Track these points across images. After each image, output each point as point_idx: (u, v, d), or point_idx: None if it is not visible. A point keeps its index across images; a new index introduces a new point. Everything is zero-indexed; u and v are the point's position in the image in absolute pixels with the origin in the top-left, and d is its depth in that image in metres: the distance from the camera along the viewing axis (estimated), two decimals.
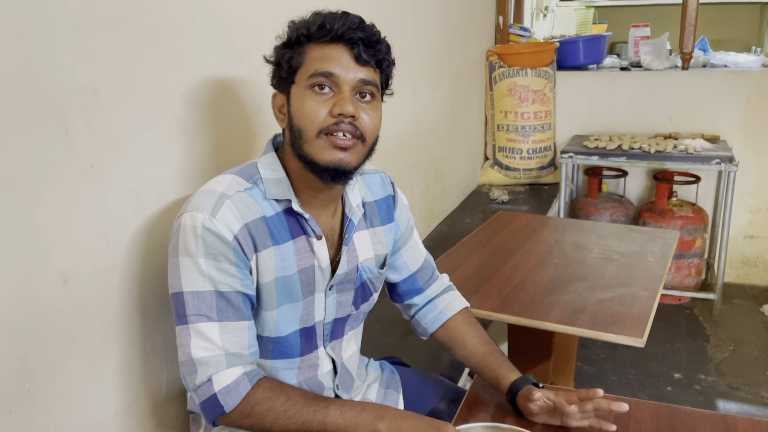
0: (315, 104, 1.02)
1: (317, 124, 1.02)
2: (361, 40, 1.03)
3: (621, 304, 1.57)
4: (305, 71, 1.03)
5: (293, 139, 1.06)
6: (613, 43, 5.11)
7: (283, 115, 1.09)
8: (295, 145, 1.05)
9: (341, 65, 1.02)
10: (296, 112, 1.04)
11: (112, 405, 1.16)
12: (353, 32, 1.02)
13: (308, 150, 1.03)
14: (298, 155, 1.05)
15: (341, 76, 1.02)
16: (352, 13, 1.05)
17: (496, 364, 1.21)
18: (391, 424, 0.97)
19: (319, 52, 1.03)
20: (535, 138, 3.52)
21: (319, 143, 1.02)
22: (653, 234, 2.12)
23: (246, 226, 1.03)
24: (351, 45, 1.03)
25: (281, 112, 1.09)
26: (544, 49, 3.53)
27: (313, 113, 1.02)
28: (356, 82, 1.03)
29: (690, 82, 3.50)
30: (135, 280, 1.18)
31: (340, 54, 1.03)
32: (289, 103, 1.06)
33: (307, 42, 1.04)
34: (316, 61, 1.03)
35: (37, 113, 0.95)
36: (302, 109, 1.03)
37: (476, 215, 3.09)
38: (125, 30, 1.10)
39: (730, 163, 3.01)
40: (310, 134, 1.02)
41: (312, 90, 1.03)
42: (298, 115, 1.03)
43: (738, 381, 2.71)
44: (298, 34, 1.04)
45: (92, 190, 1.06)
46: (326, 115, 1.02)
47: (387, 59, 1.08)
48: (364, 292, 1.23)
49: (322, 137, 1.02)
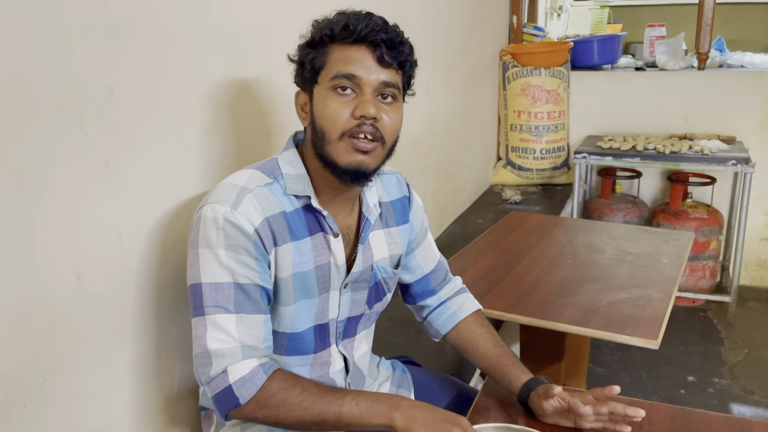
0: (337, 106, 1.02)
1: (339, 126, 1.02)
2: (384, 41, 1.02)
3: (635, 305, 1.56)
4: (328, 72, 1.03)
5: (315, 139, 1.06)
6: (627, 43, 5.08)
7: (305, 113, 1.09)
8: (317, 144, 1.06)
9: (363, 67, 1.02)
10: (319, 113, 1.04)
11: (125, 401, 1.16)
12: (376, 34, 1.02)
13: (330, 151, 1.04)
14: (319, 155, 1.06)
15: (363, 78, 1.02)
16: (375, 15, 1.04)
17: (508, 366, 1.20)
18: (406, 414, 0.97)
19: (342, 53, 1.03)
20: (549, 138, 3.51)
21: (341, 145, 1.03)
22: (667, 235, 2.10)
23: (266, 220, 1.03)
24: (374, 46, 1.03)
25: (304, 110, 1.10)
26: (558, 49, 3.51)
27: (335, 115, 1.02)
28: (378, 84, 1.03)
29: (706, 83, 3.46)
30: (148, 277, 1.18)
31: (363, 55, 1.03)
32: (312, 103, 1.06)
33: (331, 42, 1.04)
34: (338, 63, 1.03)
35: (53, 110, 0.96)
36: (325, 111, 1.03)
37: (488, 215, 3.08)
38: (140, 29, 1.10)
39: (746, 164, 2.98)
40: (333, 136, 1.03)
41: (334, 91, 1.03)
42: (321, 116, 1.04)
43: (752, 385, 2.68)
44: (322, 35, 1.04)
45: (106, 188, 1.07)
46: (348, 117, 1.02)
47: (409, 61, 1.08)
48: (378, 292, 1.23)
49: (344, 140, 1.03)
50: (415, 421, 0.96)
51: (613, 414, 1.09)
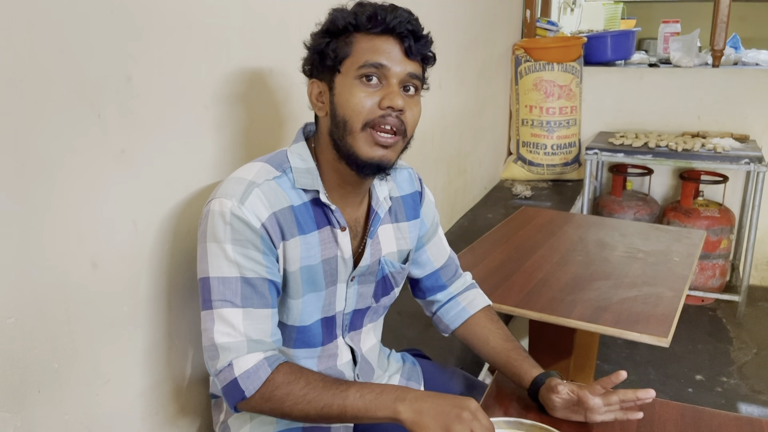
0: (363, 95, 1.01)
1: (364, 116, 1.01)
2: (411, 33, 1.02)
3: (645, 303, 1.56)
4: (354, 62, 1.02)
5: (334, 130, 1.05)
6: (641, 39, 5.04)
7: (321, 104, 1.08)
8: (336, 135, 1.05)
9: (391, 58, 1.02)
10: (342, 102, 1.03)
11: (137, 388, 1.17)
12: (404, 25, 1.02)
13: (351, 142, 1.03)
14: (337, 146, 1.05)
15: (391, 69, 1.02)
16: (400, 6, 1.04)
17: (518, 360, 1.20)
18: (412, 406, 0.96)
19: (368, 43, 1.02)
20: (560, 134, 3.49)
21: (363, 136, 1.02)
22: (679, 233, 2.10)
23: (274, 214, 1.03)
24: (401, 38, 1.02)
25: (319, 100, 1.08)
26: (571, 44, 3.49)
27: (360, 104, 1.01)
28: (404, 76, 1.03)
29: (720, 80, 3.44)
30: (162, 265, 1.19)
31: (391, 47, 1.02)
32: (332, 93, 1.05)
33: (354, 32, 1.03)
34: (366, 52, 1.02)
35: (71, 98, 0.96)
36: (350, 100, 1.02)
37: (498, 210, 3.07)
38: (158, 18, 1.10)
39: (759, 163, 2.96)
40: (356, 126, 1.02)
41: (360, 81, 1.02)
42: (345, 106, 1.03)
43: (761, 384, 2.67)
44: (346, 23, 1.03)
45: (122, 176, 1.08)
46: (373, 107, 1.02)
47: (432, 54, 1.08)
48: (385, 286, 1.23)
49: (367, 130, 1.02)
50: (423, 413, 0.95)
51: (624, 402, 1.08)
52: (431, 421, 0.93)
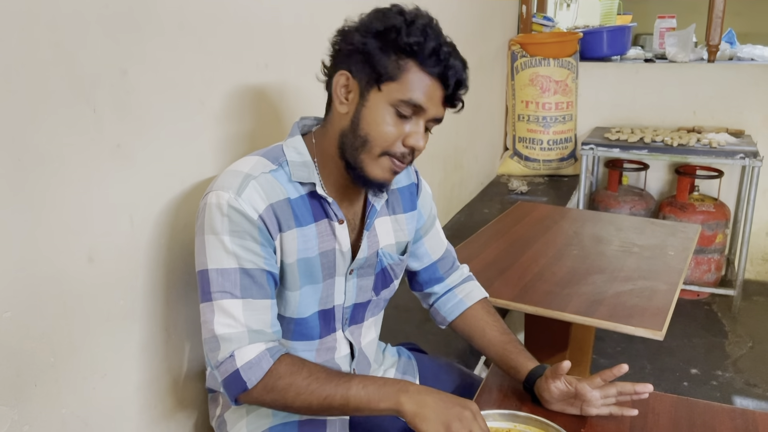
0: (393, 128, 1.03)
1: (387, 146, 1.03)
2: (458, 83, 1.03)
3: (640, 296, 1.56)
4: (398, 90, 1.01)
5: (349, 137, 1.05)
6: (637, 35, 5.05)
7: (346, 101, 1.05)
8: (350, 146, 1.05)
9: (432, 102, 1.03)
10: (371, 121, 1.03)
11: (134, 382, 1.18)
12: (456, 75, 1.02)
13: (365, 160, 1.04)
14: (344, 151, 1.06)
15: (427, 112, 1.03)
16: (458, 51, 1.03)
17: (514, 353, 1.21)
18: (415, 398, 0.96)
19: (419, 80, 1.01)
20: (556, 129, 3.50)
21: (380, 161, 1.05)
22: (674, 228, 2.10)
23: (271, 206, 1.04)
24: (446, 85, 1.03)
25: (345, 97, 1.05)
26: (568, 39, 3.50)
27: (388, 135, 1.03)
28: (433, 119, 1.05)
29: (715, 76, 3.44)
30: (159, 259, 1.19)
31: (435, 91, 1.02)
32: (363, 104, 1.03)
33: (409, 58, 1.00)
34: (413, 88, 1.01)
35: (66, 92, 0.96)
36: (380, 126, 1.02)
37: (495, 206, 3.08)
38: (153, 13, 1.10)
39: (754, 158, 2.96)
40: (376, 151, 1.04)
41: (395, 111, 1.02)
42: (372, 127, 1.03)
43: (756, 378, 2.69)
44: (404, 44, 0.99)
45: (118, 170, 1.08)
46: (398, 139, 1.03)
47: (463, 103, 1.09)
48: (385, 278, 1.23)
49: (384, 157, 1.04)
50: (425, 405, 0.95)
51: (621, 394, 1.09)
52: (432, 414, 0.94)
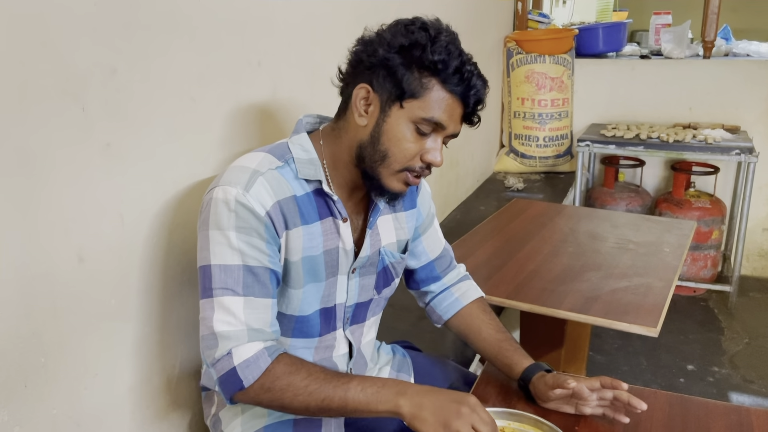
0: (412, 144, 1.04)
1: (406, 161, 1.05)
2: (477, 102, 1.05)
3: (635, 293, 1.56)
4: (420, 108, 1.02)
5: (369, 150, 1.06)
6: (633, 31, 5.05)
7: (365, 114, 1.05)
8: (369, 158, 1.06)
9: (452, 120, 1.05)
10: (391, 137, 1.04)
11: (127, 382, 1.17)
12: (476, 95, 1.04)
13: (383, 173, 1.06)
14: (362, 161, 1.07)
15: (446, 129, 1.05)
16: (479, 69, 1.05)
17: (510, 351, 1.21)
18: (412, 400, 0.96)
19: (441, 98, 1.02)
20: (552, 126, 3.49)
21: (398, 176, 1.07)
22: (670, 224, 2.10)
23: (278, 203, 1.03)
24: (466, 105, 1.04)
25: (365, 110, 1.05)
26: (563, 36, 3.49)
27: (409, 151, 1.04)
28: (451, 135, 1.07)
29: (711, 72, 3.44)
30: (150, 258, 1.18)
31: (455, 109, 1.04)
32: (383, 119, 1.04)
33: (432, 76, 1.01)
34: (435, 107, 1.02)
35: (54, 91, 0.95)
36: (401, 142, 1.04)
37: (491, 203, 3.07)
38: (144, 10, 1.09)
39: (750, 154, 2.97)
40: (395, 167, 1.05)
41: (416, 128, 1.03)
42: (392, 143, 1.04)
43: (752, 374, 2.69)
44: (429, 62, 1.00)
45: (108, 169, 1.07)
46: (417, 155, 1.05)
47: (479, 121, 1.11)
48: (386, 277, 1.23)
49: (403, 173, 1.06)
50: (423, 408, 0.95)
51: (616, 400, 1.09)
52: (430, 416, 0.94)
